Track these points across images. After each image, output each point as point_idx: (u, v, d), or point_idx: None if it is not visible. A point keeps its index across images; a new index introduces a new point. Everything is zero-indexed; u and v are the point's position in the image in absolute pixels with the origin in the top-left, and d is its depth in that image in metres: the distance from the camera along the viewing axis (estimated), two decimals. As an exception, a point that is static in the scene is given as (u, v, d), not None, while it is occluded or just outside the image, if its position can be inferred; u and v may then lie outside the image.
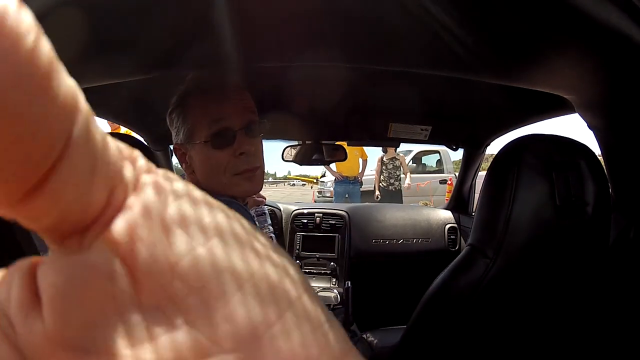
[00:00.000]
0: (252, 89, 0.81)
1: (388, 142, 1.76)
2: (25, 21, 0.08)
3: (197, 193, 0.11)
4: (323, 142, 1.66)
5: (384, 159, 4.93)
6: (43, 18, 0.36)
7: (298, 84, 1.15)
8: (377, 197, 4.99)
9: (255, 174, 0.77)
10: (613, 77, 0.59)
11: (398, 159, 5.02)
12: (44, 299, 0.09)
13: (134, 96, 1.09)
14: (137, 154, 0.11)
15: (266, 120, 0.80)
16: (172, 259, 0.10)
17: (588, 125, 0.70)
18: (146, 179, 0.11)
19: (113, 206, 0.10)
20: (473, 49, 0.62)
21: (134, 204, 0.10)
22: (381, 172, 4.98)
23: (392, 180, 4.92)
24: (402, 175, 5.04)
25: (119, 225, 0.10)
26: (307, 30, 0.67)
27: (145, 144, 1.37)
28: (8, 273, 0.11)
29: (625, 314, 0.63)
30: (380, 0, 0.56)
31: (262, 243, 0.11)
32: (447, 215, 1.75)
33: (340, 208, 1.78)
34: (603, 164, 0.66)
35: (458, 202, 1.76)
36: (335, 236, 1.71)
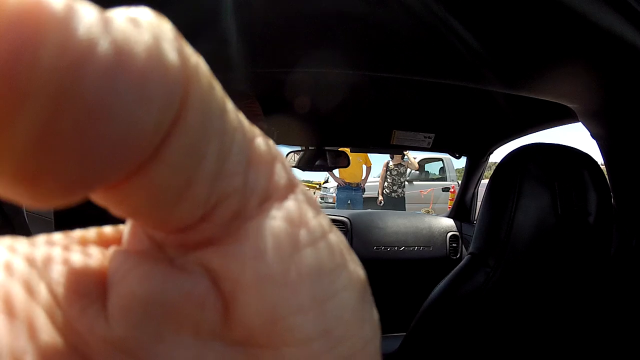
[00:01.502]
0: (256, 93, 0.81)
1: (391, 148, 1.77)
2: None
3: (336, 237, 0.09)
4: (326, 148, 1.67)
5: (390, 164, 4.91)
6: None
7: (302, 90, 1.15)
8: (380, 203, 4.97)
9: None
10: (616, 86, 0.59)
11: (404, 165, 4.99)
12: (116, 303, 0.08)
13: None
14: (278, 159, 0.09)
15: (273, 128, 0.81)
16: (283, 312, 0.08)
17: (591, 135, 0.70)
18: (283, 200, 0.09)
19: (222, 222, 0.08)
20: (478, 58, 0.62)
21: (254, 233, 0.08)
22: (385, 178, 4.96)
23: (395, 187, 4.89)
24: (407, 179, 4.99)
25: (232, 258, 0.08)
26: (312, 37, 0.68)
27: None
28: (63, 248, 0.09)
29: (627, 324, 0.62)
30: (387, 7, 0.56)
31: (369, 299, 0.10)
32: (449, 223, 1.74)
33: (342, 214, 1.78)
34: (606, 173, 0.66)
35: (460, 210, 1.76)
36: (336, 242, 1.71)
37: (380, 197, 4.98)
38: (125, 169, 0.07)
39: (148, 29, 0.07)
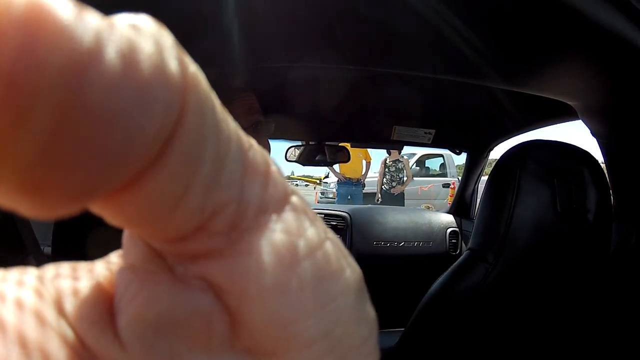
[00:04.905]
0: (257, 89, 0.81)
1: (391, 144, 1.77)
2: None
3: (331, 243, 0.09)
4: (326, 143, 1.67)
5: (387, 161, 4.91)
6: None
7: (302, 85, 1.15)
8: (378, 200, 4.97)
9: None
10: (616, 83, 0.59)
11: (402, 162, 4.98)
12: (127, 328, 0.08)
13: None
14: (273, 169, 0.09)
15: (271, 121, 0.81)
16: (287, 320, 0.08)
17: (591, 132, 0.70)
18: (280, 212, 0.09)
19: (219, 233, 0.08)
20: (478, 53, 0.62)
21: (256, 247, 0.08)
22: (384, 175, 4.95)
23: (393, 184, 4.89)
24: (405, 178, 5.00)
25: (235, 274, 0.08)
26: (313, 32, 0.68)
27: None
28: (76, 282, 0.09)
29: (626, 321, 0.63)
30: (387, 2, 0.56)
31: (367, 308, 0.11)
32: (449, 219, 1.74)
33: (342, 209, 1.78)
34: (605, 171, 0.66)
35: (460, 206, 1.76)
36: (336, 237, 1.71)
37: (379, 195, 4.97)
38: (127, 176, 0.07)
39: (150, 37, 0.07)
